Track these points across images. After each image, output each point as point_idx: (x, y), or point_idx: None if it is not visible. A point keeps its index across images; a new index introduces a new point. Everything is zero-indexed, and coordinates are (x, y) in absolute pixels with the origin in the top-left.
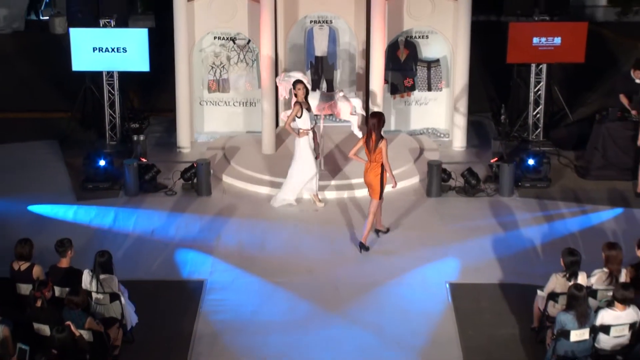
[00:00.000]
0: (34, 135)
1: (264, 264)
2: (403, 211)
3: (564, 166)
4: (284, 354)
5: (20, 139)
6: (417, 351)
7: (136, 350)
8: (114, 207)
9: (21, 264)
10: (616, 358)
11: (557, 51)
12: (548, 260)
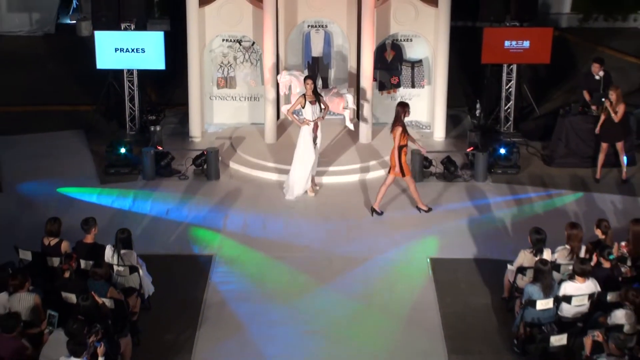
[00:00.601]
0: (62, 126)
1: (266, 241)
2: (389, 194)
3: (532, 155)
4: (283, 320)
5: (50, 128)
6: (401, 317)
7: (152, 316)
8: (133, 190)
9: (51, 239)
10: (577, 325)
11: (526, 53)
12: (517, 238)
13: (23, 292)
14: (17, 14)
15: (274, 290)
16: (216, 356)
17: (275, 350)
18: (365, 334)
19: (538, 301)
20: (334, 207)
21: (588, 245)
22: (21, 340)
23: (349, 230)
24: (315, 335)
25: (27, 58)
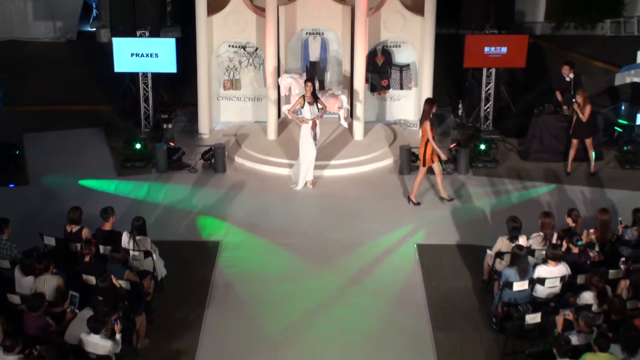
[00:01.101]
0: (83, 124)
1: (267, 228)
2: (380, 186)
3: (509, 150)
4: (283, 300)
5: (72, 126)
6: (391, 297)
7: (165, 297)
8: (148, 182)
9: (73, 227)
10: (549, 304)
11: (504, 58)
12: (495, 225)
13: (47, 275)
14: (43, 22)
15: (274, 272)
16: (222, 332)
17: (275, 327)
18: (358, 313)
19: (514, 283)
20: (329, 197)
21: (560, 233)
22: (46, 318)
23: (343, 219)
24: (312, 314)
25: (51, 62)
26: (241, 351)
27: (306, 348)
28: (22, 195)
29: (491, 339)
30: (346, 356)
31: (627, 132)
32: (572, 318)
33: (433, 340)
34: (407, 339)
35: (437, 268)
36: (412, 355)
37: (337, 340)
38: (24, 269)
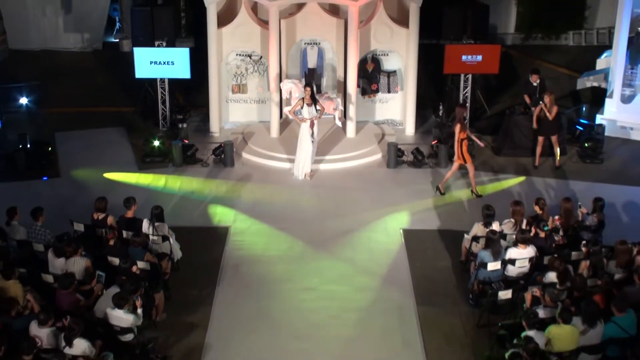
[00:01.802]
0: (108, 124)
1: (271, 215)
2: (370, 178)
3: (484, 147)
4: (286, 279)
5: (98, 126)
6: (380, 276)
7: (180, 276)
8: (165, 175)
9: (99, 214)
10: (519, 282)
11: (479, 65)
12: (472, 213)
13: (77, 257)
14: (72, 34)
15: (277, 255)
16: (232, 308)
17: (278, 303)
18: (350, 290)
19: (489, 263)
20: (325, 188)
21: (528, 219)
22: (76, 295)
23: (337, 207)
24: (310, 291)
25: (80, 70)
26: (248, 324)
27: (305, 321)
28: (54, 187)
29: (468, 312)
30: (340, 328)
31: (587, 130)
32: (539, 294)
33: (417, 314)
34: (394, 313)
35: (421, 250)
36: (398, 327)
37: (333, 314)
38: (56, 252)
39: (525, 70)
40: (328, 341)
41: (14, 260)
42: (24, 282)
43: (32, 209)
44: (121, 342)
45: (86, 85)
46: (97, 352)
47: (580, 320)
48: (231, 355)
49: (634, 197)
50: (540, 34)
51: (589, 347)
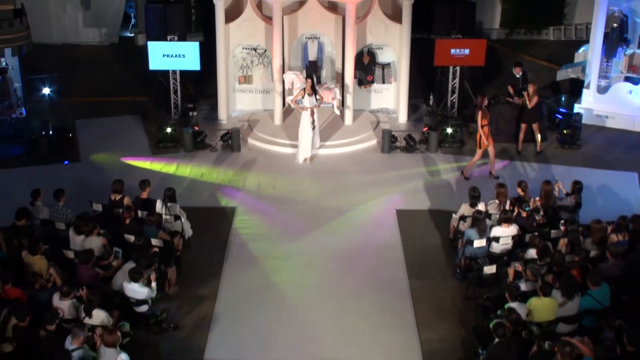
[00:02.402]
0: (124, 112)
1: (274, 197)
2: (365, 163)
3: (471, 133)
4: (288, 255)
5: (115, 114)
6: (375, 253)
7: (191, 253)
8: (177, 159)
9: (116, 195)
10: (503, 258)
11: (467, 58)
12: (459, 194)
13: (93, 236)
14: (90, 29)
15: (280, 233)
16: (238, 281)
17: (281, 277)
18: (348, 266)
19: (475, 241)
20: (325, 172)
21: (511, 200)
22: (95, 269)
23: (336, 189)
24: (310, 267)
25: (98, 62)
26: (253, 296)
27: (306, 293)
28: (75, 170)
29: (456, 286)
30: (338, 300)
31: (566, 118)
32: (521, 269)
33: (409, 287)
34: (388, 286)
35: (412, 229)
36: (392, 299)
37: (332, 288)
38: (76, 230)
39: (509, 62)
40: (327, 313)
41: (38, 238)
42: (47, 258)
43: (54, 191)
44: (136, 313)
45: (104, 76)
46: (114, 322)
47: (560, 293)
48: (238, 325)
49: (608, 180)
50: (523, 29)
51: (567, 318)
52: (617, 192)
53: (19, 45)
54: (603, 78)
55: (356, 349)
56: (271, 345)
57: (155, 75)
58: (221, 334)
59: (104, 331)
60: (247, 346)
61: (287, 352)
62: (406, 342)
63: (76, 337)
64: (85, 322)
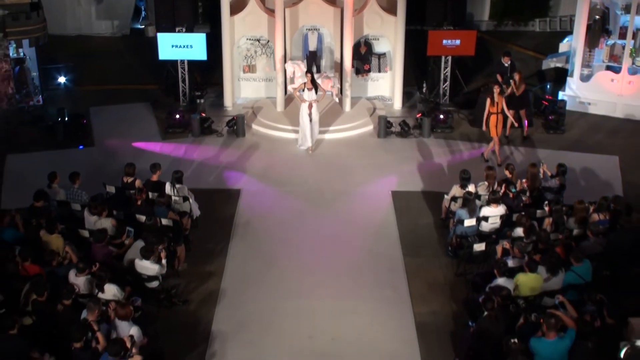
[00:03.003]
0: (135, 99)
1: (277, 179)
2: (363, 146)
3: (462, 119)
4: (290, 233)
5: (127, 101)
6: (372, 230)
7: (199, 231)
8: (185, 144)
9: (128, 178)
10: (492, 236)
11: (458, 48)
12: (451, 176)
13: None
14: (103, 21)
15: (283, 213)
16: (243, 258)
17: (283, 253)
18: (346, 244)
19: (465, 220)
20: (324, 155)
21: (500, 182)
22: (108, 247)
23: (335, 172)
24: (311, 245)
25: (110, 52)
26: (258, 272)
27: (306, 268)
28: (89, 155)
29: (447, 262)
30: (338, 276)
31: (551, 105)
32: (508, 247)
33: (403, 263)
34: (384, 262)
35: (407, 209)
36: (387, 275)
37: (331, 264)
38: (91, 210)
39: (497, 52)
40: (326, 288)
41: (55, 218)
42: (63, 237)
43: (70, 174)
44: (148, 288)
45: (116, 66)
46: (126, 296)
47: (545, 269)
48: (243, 299)
49: (590, 163)
50: (510, 21)
51: (551, 292)
52: (599, 174)
53: (35, 37)
54: (586, 67)
55: (354, 322)
56: (274, 319)
57: (165, 64)
58: (227, 308)
59: (117, 305)
60: (251, 319)
61: (289, 324)
62: (401, 315)
63: (91, 311)
64: (99, 296)
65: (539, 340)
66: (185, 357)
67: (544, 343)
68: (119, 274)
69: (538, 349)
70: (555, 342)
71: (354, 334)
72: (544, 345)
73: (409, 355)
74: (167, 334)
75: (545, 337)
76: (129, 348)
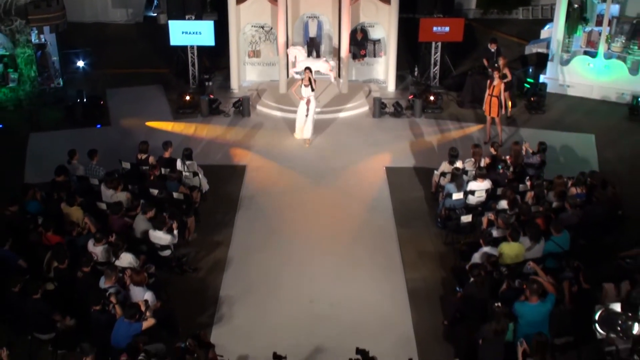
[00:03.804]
0: (148, 82)
1: (279, 156)
2: (359, 126)
3: (450, 100)
4: (291, 206)
5: (140, 84)
6: (367, 203)
7: (208, 204)
8: (195, 123)
9: (142, 155)
10: (478, 209)
11: (447, 35)
12: (440, 153)
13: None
14: (118, 9)
15: (285, 187)
16: (248, 229)
17: (285, 223)
18: (343, 214)
19: (453, 194)
20: (323, 134)
21: (485, 159)
22: (124, 219)
23: (334, 149)
24: (311, 216)
25: (125, 38)
26: (262, 241)
27: (307, 238)
28: (106, 133)
29: (437, 233)
30: (336, 245)
31: (533, 87)
32: (493, 218)
33: (396, 233)
34: (378, 232)
35: (399, 183)
36: (381, 244)
37: (330, 233)
38: (107, 185)
39: (484, 39)
40: (325, 255)
41: (74, 191)
42: (82, 209)
43: (88, 151)
44: (161, 256)
45: (130, 51)
46: (140, 264)
47: (527, 239)
48: (248, 267)
49: (569, 141)
50: (496, 9)
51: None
52: (577, 151)
53: (56, 24)
54: (565, 52)
55: (351, 287)
56: (277, 283)
57: (175, 50)
58: (234, 274)
59: (132, 272)
60: (256, 285)
61: (291, 289)
62: (394, 281)
63: (109, 278)
64: (116, 264)
65: (523, 304)
66: (195, 319)
67: (527, 307)
68: (134, 243)
69: (522, 312)
70: (538, 305)
71: (351, 298)
72: (527, 309)
73: (401, 317)
74: (178, 299)
75: (529, 301)
76: (143, 311)
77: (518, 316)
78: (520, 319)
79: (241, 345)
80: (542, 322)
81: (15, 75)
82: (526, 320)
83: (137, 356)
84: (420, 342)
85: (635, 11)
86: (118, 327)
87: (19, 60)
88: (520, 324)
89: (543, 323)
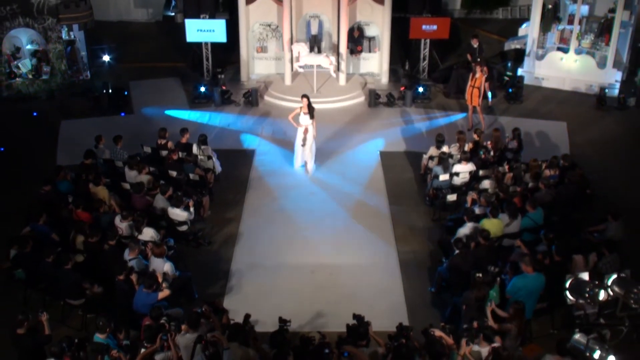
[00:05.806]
0: (167, 75)
1: (285, 141)
2: (355, 115)
3: (438, 92)
4: (295, 185)
5: (160, 76)
6: (362, 184)
7: (220, 185)
8: (209, 112)
9: (161, 140)
10: (462, 189)
11: (435, 32)
12: (429, 139)
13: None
14: (140, 9)
15: (289, 169)
16: (257, 206)
17: (290, 203)
18: (340, 194)
19: (440, 175)
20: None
21: (469, 144)
22: (146, 197)
23: (332, 134)
24: (313, 195)
25: (146, 35)
26: (269, 218)
27: (309, 215)
28: (129, 121)
29: (425, 210)
30: (334, 222)
31: (511, 80)
32: (475, 197)
33: (389, 211)
34: (372, 210)
35: (392, 166)
36: (375, 220)
37: (329, 212)
38: (130, 167)
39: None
40: (325, 231)
41: (101, 173)
42: (108, 189)
43: (114, 137)
44: (178, 231)
45: (151, 47)
46: (160, 238)
47: (506, 216)
48: (257, 241)
49: (543, 128)
50: (478, 9)
51: (511, 235)
52: (550, 137)
53: (84, 22)
54: (540, 48)
55: (348, 258)
56: (282, 256)
57: (191, 46)
58: (244, 247)
59: (153, 245)
60: (264, 257)
61: (295, 261)
62: (387, 253)
63: (132, 250)
64: (138, 238)
65: (524, 276)
66: (209, 288)
67: (527, 278)
68: (154, 219)
69: (524, 284)
70: (536, 275)
71: (348, 268)
72: (528, 280)
73: (394, 285)
74: (194, 269)
75: (527, 272)
76: (160, 282)
77: (519, 289)
78: (520, 292)
79: (250, 311)
80: (538, 290)
81: (48, 68)
82: (528, 291)
83: (160, 320)
84: (410, 308)
85: (603, 11)
86: (138, 295)
87: (51, 55)
88: (521, 296)
89: (538, 292)
